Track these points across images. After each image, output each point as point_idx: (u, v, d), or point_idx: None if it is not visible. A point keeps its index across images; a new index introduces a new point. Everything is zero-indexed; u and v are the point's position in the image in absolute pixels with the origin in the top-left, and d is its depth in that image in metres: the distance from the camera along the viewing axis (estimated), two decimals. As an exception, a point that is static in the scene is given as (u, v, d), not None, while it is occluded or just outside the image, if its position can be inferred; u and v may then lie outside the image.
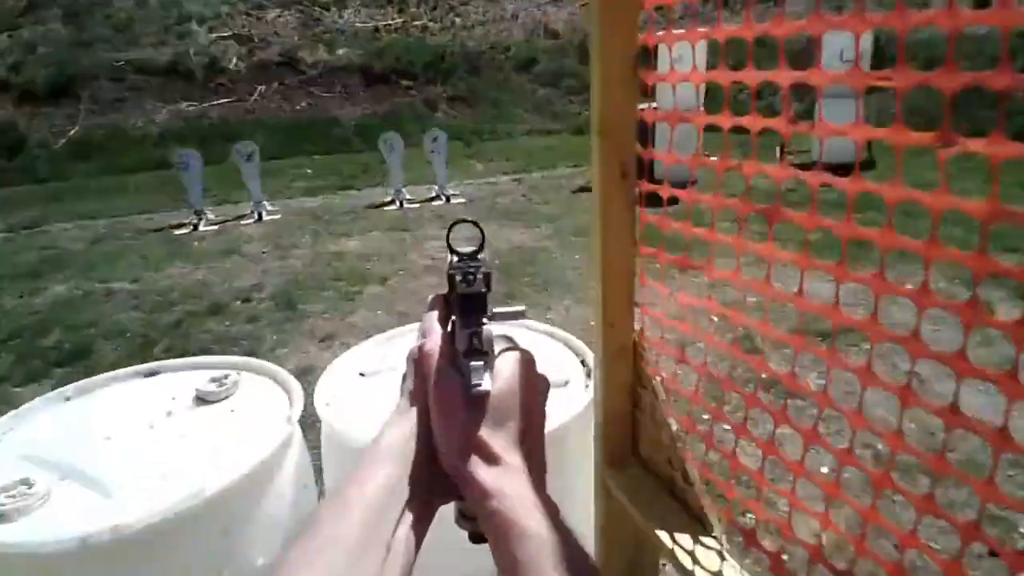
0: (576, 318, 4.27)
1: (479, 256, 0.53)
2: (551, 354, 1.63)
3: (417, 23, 15.80)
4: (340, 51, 14.38)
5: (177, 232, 7.09)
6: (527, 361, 0.51)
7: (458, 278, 0.50)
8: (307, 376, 3.50)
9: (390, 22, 15.61)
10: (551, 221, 6.89)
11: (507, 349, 0.51)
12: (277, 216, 7.51)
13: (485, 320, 0.50)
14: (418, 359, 0.51)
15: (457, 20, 15.91)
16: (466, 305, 0.50)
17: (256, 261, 5.91)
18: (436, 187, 8.05)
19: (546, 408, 0.53)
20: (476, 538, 0.50)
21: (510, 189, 8.62)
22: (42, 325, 4.55)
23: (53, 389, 3.51)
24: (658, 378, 0.91)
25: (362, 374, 1.58)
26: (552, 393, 0.55)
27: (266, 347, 3.98)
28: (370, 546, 0.43)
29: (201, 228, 7.16)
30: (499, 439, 0.47)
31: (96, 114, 12.04)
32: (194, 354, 3.88)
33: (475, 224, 0.55)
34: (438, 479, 0.48)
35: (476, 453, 0.47)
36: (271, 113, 12.44)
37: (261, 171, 7.59)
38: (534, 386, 0.51)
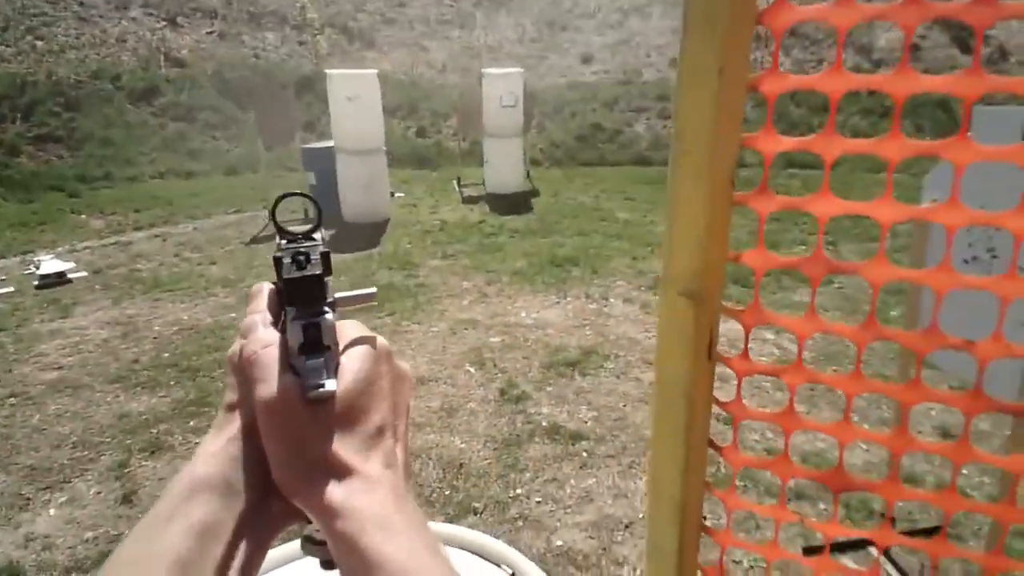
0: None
1: (314, 236, 0.42)
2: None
3: (-23, 46, 12.17)
4: None
5: None
6: (380, 350, 0.41)
7: (287, 260, 0.38)
8: None
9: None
10: (228, 286, 5.68)
11: (355, 340, 0.40)
12: None
13: (326, 309, 0.38)
14: (239, 364, 0.39)
15: (39, 43, 12.74)
16: (298, 292, 0.38)
17: None
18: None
19: (409, 402, 0.43)
20: (328, 565, 0.40)
21: (154, 249, 6.94)
22: None
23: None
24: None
25: None
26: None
27: None
28: None
29: None
30: (350, 446, 0.37)
31: None
32: None
33: (309, 198, 0.44)
34: (274, 506, 0.38)
35: (321, 467, 0.36)
36: None
37: None
38: (391, 377, 0.41)
